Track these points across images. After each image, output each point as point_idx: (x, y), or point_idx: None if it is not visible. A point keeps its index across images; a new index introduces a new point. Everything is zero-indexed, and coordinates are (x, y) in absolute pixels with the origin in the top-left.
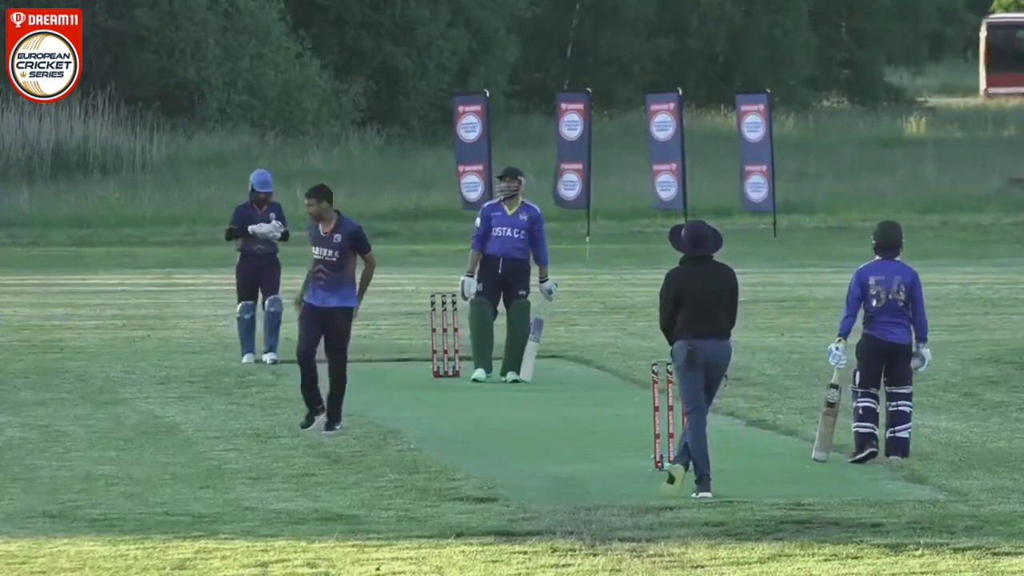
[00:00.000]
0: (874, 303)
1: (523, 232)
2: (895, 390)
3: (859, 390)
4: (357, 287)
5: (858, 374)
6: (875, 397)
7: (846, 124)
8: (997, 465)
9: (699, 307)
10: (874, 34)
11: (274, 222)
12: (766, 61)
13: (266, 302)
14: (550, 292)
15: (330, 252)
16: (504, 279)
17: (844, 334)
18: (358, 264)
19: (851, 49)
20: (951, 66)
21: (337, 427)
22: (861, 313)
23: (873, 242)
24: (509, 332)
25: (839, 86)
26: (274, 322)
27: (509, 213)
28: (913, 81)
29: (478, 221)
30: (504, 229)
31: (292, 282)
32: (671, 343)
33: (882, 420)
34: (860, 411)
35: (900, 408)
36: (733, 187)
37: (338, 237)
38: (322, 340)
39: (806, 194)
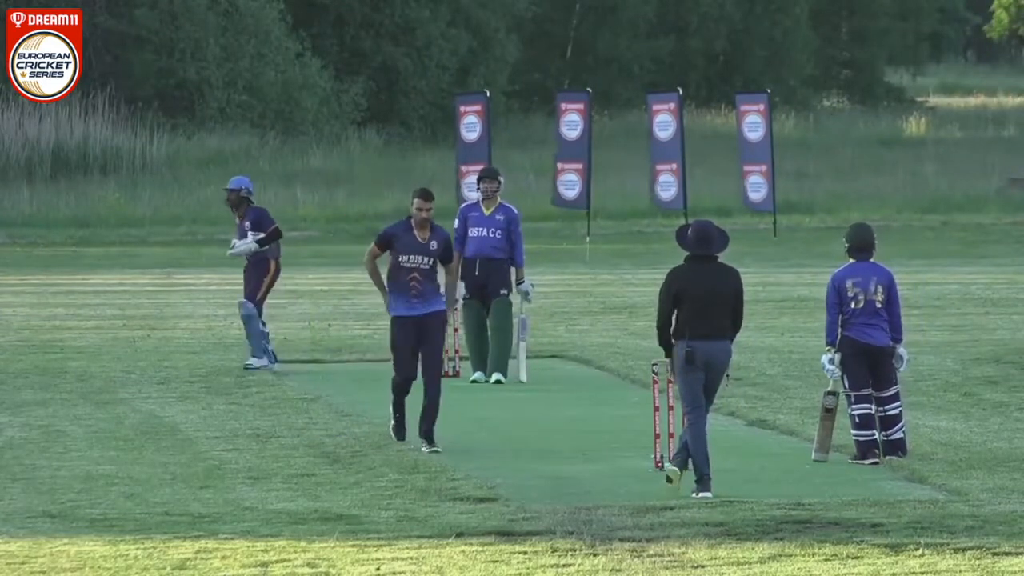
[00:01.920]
0: (852, 305)
1: (500, 232)
2: (881, 394)
3: (852, 394)
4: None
5: (846, 378)
6: (869, 399)
7: (846, 124)
8: (997, 465)
9: (699, 307)
10: (874, 34)
11: (248, 235)
12: (766, 61)
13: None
14: (527, 294)
15: (425, 260)
16: (482, 280)
17: (832, 342)
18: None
19: (851, 49)
20: (951, 66)
21: (437, 446)
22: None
23: (846, 245)
24: (493, 332)
25: (839, 86)
26: (248, 328)
27: (486, 213)
28: (913, 81)
29: (456, 222)
30: (481, 229)
31: (291, 282)
32: (662, 342)
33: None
34: (857, 419)
35: (889, 412)
36: (733, 187)
37: (434, 244)
38: None
39: (806, 194)
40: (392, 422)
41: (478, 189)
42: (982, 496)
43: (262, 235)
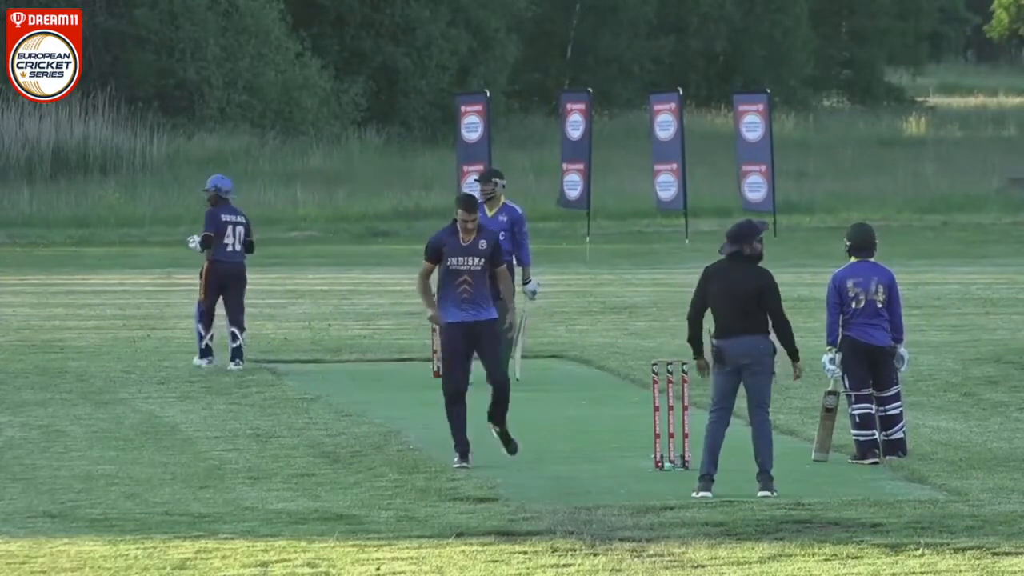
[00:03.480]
0: (853, 305)
1: (503, 233)
2: (882, 394)
3: (852, 394)
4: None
5: (847, 378)
6: (869, 399)
7: (846, 124)
8: (997, 465)
9: (724, 306)
10: (874, 34)
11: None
12: (766, 61)
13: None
14: (534, 293)
15: (476, 261)
16: None
17: (833, 342)
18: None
19: (851, 49)
20: (951, 66)
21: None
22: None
23: (848, 244)
24: None
25: (839, 86)
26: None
27: (489, 215)
28: (913, 81)
29: None
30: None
31: (291, 282)
32: (691, 336)
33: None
34: (857, 419)
35: (889, 412)
36: (733, 187)
37: (483, 244)
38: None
39: (806, 194)
40: (456, 455)
41: (479, 191)
42: (982, 496)
43: (200, 237)
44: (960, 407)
